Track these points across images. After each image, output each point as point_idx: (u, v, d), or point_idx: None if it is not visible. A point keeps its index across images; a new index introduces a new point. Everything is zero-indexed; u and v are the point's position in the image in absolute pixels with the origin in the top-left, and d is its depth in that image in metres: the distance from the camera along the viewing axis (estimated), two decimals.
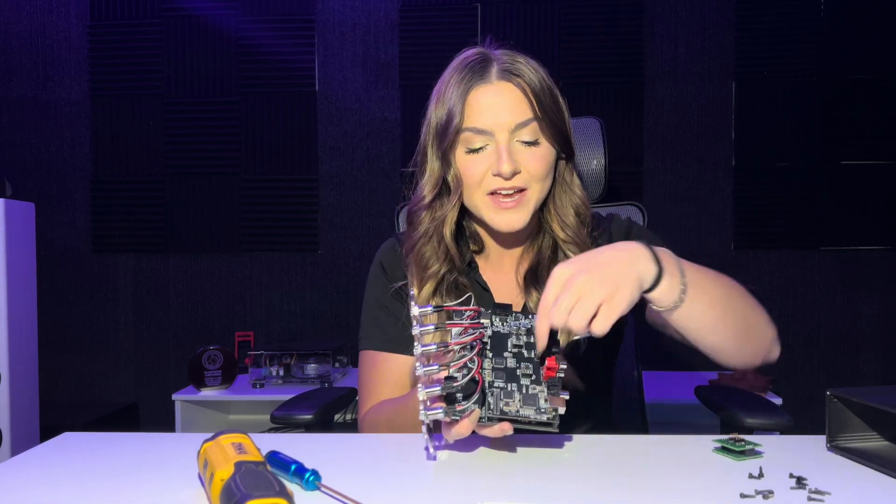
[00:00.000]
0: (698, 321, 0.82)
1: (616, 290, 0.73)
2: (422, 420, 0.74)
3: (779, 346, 0.92)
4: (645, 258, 0.77)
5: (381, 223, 2.70)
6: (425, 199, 1.03)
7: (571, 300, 0.73)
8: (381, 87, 2.73)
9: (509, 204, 0.98)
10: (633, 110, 2.66)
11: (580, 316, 0.72)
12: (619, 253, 0.77)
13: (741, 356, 0.89)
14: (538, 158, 0.98)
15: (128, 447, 0.85)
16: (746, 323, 0.87)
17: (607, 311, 0.73)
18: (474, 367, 0.75)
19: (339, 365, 2.49)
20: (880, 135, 2.59)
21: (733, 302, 0.85)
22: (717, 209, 2.63)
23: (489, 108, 0.97)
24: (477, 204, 1.00)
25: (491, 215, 1.00)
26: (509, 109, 0.97)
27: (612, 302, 0.73)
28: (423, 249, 1.04)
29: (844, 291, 2.61)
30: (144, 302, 2.79)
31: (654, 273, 0.77)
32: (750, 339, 0.88)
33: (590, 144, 1.46)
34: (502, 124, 0.97)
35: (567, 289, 0.73)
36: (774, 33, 2.61)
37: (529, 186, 0.98)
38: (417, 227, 1.05)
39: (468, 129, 0.98)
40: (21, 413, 2.08)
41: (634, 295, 0.75)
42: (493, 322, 0.80)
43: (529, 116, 0.97)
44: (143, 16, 2.77)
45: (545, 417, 0.75)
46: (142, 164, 2.79)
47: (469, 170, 0.99)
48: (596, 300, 0.72)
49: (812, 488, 0.65)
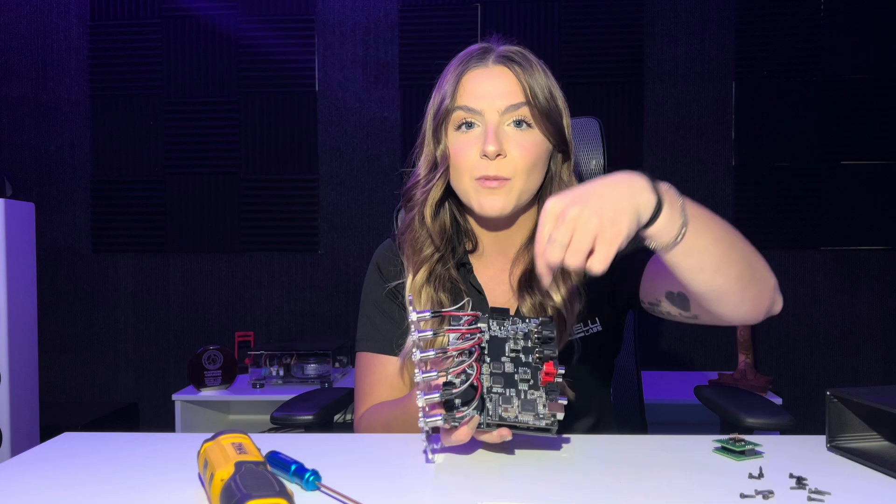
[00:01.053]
0: (700, 259, 0.76)
1: (612, 223, 0.68)
2: (421, 427, 0.74)
3: (781, 298, 0.87)
4: (644, 189, 0.72)
5: (381, 223, 2.70)
6: (419, 178, 1.04)
7: (566, 235, 0.69)
8: (381, 87, 2.73)
9: (493, 184, 0.96)
10: (633, 110, 2.66)
11: (576, 250, 0.68)
12: (616, 183, 0.73)
13: (744, 304, 0.82)
14: (527, 146, 0.97)
15: (128, 447, 0.85)
16: (750, 266, 0.81)
17: (603, 246, 0.68)
18: (473, 373, 0.74)
19: (339, 365, 2.49)
20: (880, 135, 2.60)
21: (736, 242, 0.80)
22: (717, 209, 2.61)
23: (482, 89, 0.98)
24: (465, 188, 0.99)
25: (477, 198, 0.98)
26: (501, 92, 0.97)
27: (609, 235, 0.68)
28: (416, 232, 1.04)
29: (844, 291, 2.61)
30: (144, 302, 2.79)
31: (653, 204, 0.71)
32: (754, 284, 0.82)
33: (589, 144, 1.46)
34: (493, 106, 0.97)
35: (560, 223, 0.69)
36: (774, 33, 2.61)
37: (514, 177, 0.97)
38: (412, 208, 1.05)
39: (460, 108, 0.98)
40: (21, 413, 2.09)
41: (632, 226, 0.70)
42: (491, 326, 0.80)
43: (521, 101, 0.97)
44: (143, 16, 2.77)
45: (544, 423, 0.75)
46: (142, 164, 2.79)
47: (458, 150, 0.99)
48: (591, 233, 0.68)
49: (812, 488, 0.65)
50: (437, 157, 1.01)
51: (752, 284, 0.81)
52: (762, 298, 0.84)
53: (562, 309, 0.98)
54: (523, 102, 0.97)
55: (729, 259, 0.78)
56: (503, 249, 1.08)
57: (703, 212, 0.78)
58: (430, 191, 1.02)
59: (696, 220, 0.75)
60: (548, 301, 0.98)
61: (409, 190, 1.06)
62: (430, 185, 1.02)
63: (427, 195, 1.02)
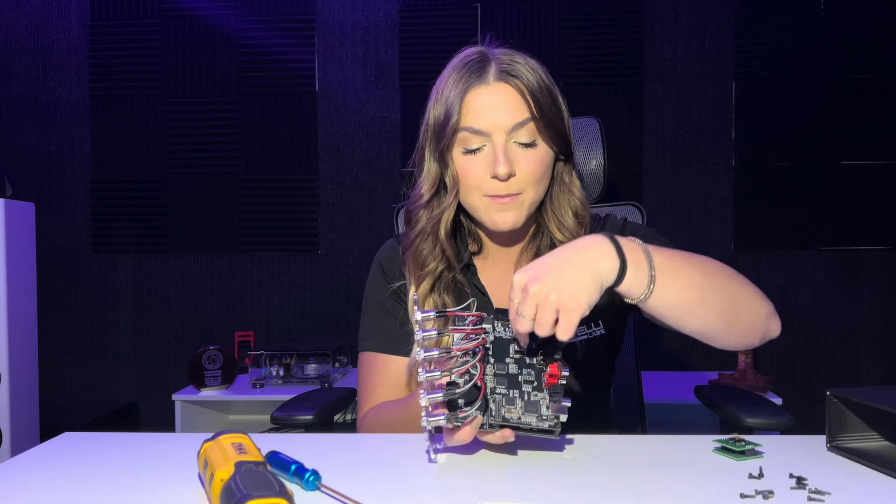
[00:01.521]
0: (673, 308, 0.80)
1: (571, 295, 0.72)
2: (424, 426, 0.74)
3: (778, 322, 0.88)
4: (604, 254, 0.75)
5: (381, 223, 2.70)
6: (423, 198, 1.03)
7: (530, 310, 0.73)
8: (381, 87, 2.73)
9: (505, 201, 0.97)
10: (633, 110, 2.66)
11: (541, 324, 0.72)
12: (575, 253, 0.76)
13: (731, 338, 0.85)
14: (535, 161, 0.98)
15: (128, 447, 0.85)
16: (732, 303, 0.83)
17: (565, 317, 0.72)
18: (477, 373, 0.74)
19: (339, 365, 2.49)
20: (880, 135, 2.60)
21: (714, 282, 0.82)
22: (717, 209, 2.63)
23: (486, 109, 0.97)
24: (475, 205, 1.00)
25: (488, 215, 0.99)
26: (506, 110, 0.96)
27: (569, 307, 0.72)
28: (420, 248, 1.03)
29: (844, 291, 2.61)
30: (144, 302, 2.79)
31: (616, 267, 0.75)
32: (738, 319, 0.84)
33: (589, 144, 1.46)
34: (499, 125, 0.96)
35: (525, 298, 0.73)
36: (774, 33, 2.61)
37: (524, 191, 0.98)
38: (415, 225, 1.05)
39: (465, 129, 0.97)
40: (21, 413, 2.09)
41: (593, 296, 0.73)
42: (495, 327, 0.80)
43: (526, 117, 0.97)
44: (143, 16, 2.77)
45: (547, 425, 0.75)
46: (142, 164, 2.79)
47: (467, 171, 0.98)
48: (552, 307, 0.72)
49: (812, 488, 0.65)
50: (447, 181, 1.01)
51: (735, 321, 0.84)
52: (752, 330, 0.86)
53: None
54: (528, 118, 0.97)
55: (705, 302, 0.81)
56: (508, 251, 1.08)
57: (677, 260, 0.80)
58: (443, 214, 1.02)
59: (666, 272, 0.77)
60: None
61: (414, 210, 1.06)
62: (441, 209, 1.02)
63: (440, 218, 1.02)
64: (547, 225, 1.05)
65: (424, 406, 0.73)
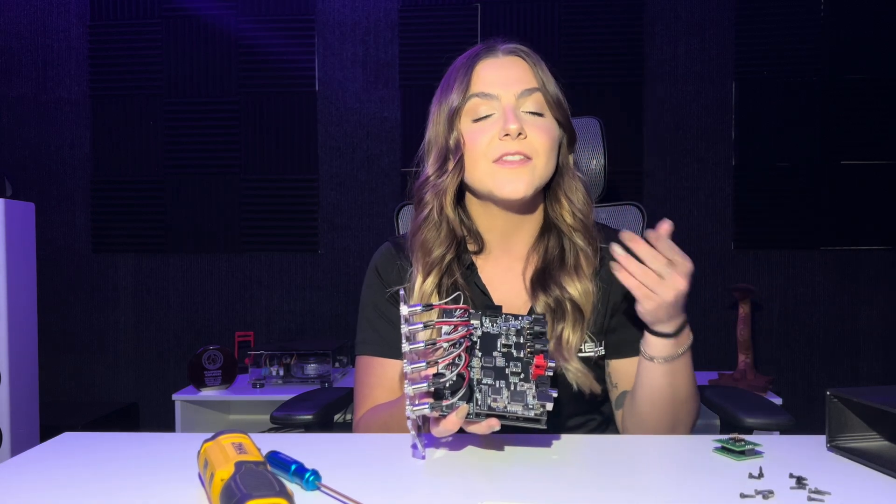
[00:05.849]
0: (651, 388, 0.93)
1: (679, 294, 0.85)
2: (408, 416, 0.74)
3: None
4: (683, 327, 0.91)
5: (381, 223, 2.70)
6: (430, 176, 1.03)
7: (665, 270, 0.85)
8: (381, 87, 2.73)
9: (516, 164, 0.96)
10: (633, 110, 2.66)
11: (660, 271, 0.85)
12: None
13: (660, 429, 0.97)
14: (544, 129, 0.99)
15: (128, 447, 0.85)
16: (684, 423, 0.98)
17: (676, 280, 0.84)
18: (461, 362, 0.75)
19: (339, 365, 2.49)
20: (880, 135, 2.60)
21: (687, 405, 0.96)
22: (717, 209, 2.63)
23: (495, 75, 0.99)
24: (481, 175, 0.99)
25: (496, 183, 0.98)
26: (515, 77, 0.99)
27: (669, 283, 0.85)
28: (426, 233, 1.03)
29: (844, 291, 2.61)
30: (144, 302, 2.79)
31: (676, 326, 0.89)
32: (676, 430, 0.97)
33: (589, 144, 1.46)
34: (508, 89, 0.98)
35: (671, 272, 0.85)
36: (774, 33, 2.61)
37: (535, 157, 0.97)
38: (422, 210, 1.04)
39: (474, 95, 0.99)
40: (21, 413, 2.09)
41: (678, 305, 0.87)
42: (483, 323, 0.80)
43: (535, 85, 0.99)
44: (143, 16, 2.77)
45: (533, 413, 0.74)
46: (142, 164, 2.79)
47: (475, 138, 0.98)
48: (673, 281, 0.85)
49: (812, 488, 0.65)
50: (451, 146, 1.00)
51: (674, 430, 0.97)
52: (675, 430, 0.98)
53: (579, 301, 0.99)
54: (537, 88, 0.99)
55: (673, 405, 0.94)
56: (509, 248, 1.08)
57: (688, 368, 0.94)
58: (447, 183, 1.01)
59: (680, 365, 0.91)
60: (564, 294, 0.99)
61: (419, 189, 1.05)
62: (445, 177, 1.01)
63: (444, 188, 1.01)
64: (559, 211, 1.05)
65: (410, 396, 0.73)
